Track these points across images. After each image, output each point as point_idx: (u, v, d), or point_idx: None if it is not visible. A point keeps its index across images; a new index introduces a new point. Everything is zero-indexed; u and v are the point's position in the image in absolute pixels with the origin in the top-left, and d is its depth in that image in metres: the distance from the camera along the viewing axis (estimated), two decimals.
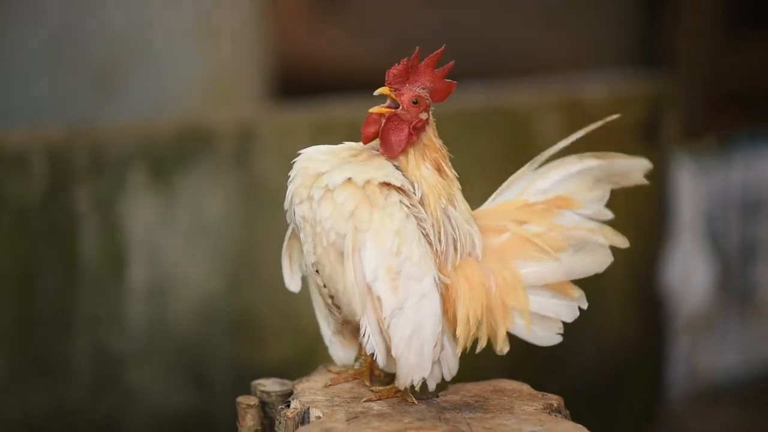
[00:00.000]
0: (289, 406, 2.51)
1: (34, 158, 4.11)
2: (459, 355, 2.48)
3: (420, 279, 2.39)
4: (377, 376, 2.61)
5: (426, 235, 2.43)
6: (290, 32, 6.39)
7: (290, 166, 2.49)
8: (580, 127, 2.57)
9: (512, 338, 2.55)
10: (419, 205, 2.44)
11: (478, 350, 2.51)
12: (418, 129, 2.45)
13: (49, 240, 4.14)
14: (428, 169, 2.45)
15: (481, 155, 4.75)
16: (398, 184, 2.41)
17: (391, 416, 2.42)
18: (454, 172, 2.48)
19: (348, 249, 2.38)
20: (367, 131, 2.46)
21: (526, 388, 2.61)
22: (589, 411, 2.87)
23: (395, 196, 2.41)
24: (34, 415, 4.15)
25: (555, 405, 2.53)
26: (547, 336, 2.54)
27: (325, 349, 2.66)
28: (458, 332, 2.45)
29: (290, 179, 2.47)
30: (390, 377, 2.59)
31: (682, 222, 5.40)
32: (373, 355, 2.51)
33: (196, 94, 5.04)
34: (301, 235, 2.47)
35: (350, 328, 2.57)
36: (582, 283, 2.57)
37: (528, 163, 2.56)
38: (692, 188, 5.47)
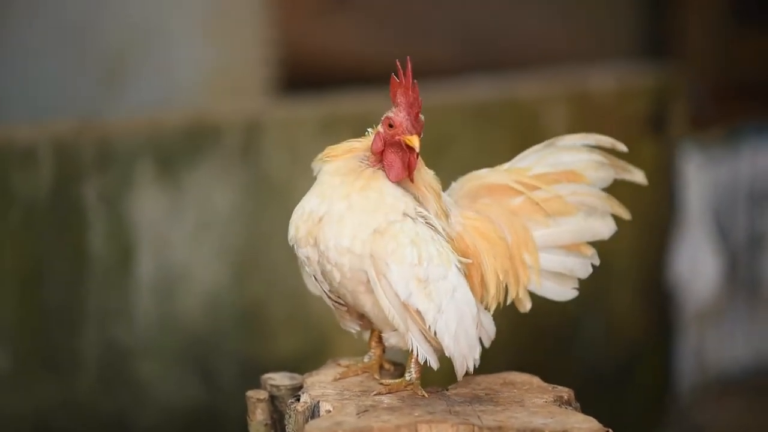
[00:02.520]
0: (299, 399, 2.51)
1: (41, 153, 4.11)
2: (493, 310, 2.55)
3: (445, 275, 2.45)
4: (386, 370, 2.62)
5: (434, 228, 2.46)
6: (297, 26, 6.38)
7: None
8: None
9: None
10: (418, 202, 2.46)
11: (509, 301, 2.57)
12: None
13: (57, 234, 4.14)
14: (427, 171, 2.50)
15: (488, 147, 4.75)
16: (400, 216, 2.44)
17: (402, 410, 2.42)
18: None
19: (373, 278, 2.42)
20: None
21: (536, 380, 2.61)
22: (597, 402, 2.87)
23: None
24: (42, 409, 4.15)
25: (565, 397, 2.53)
26: (563, 291, 2.62)
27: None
28: (491, 292, 2.53)
29: (290, 224, 2.49)
30: (399, 370, 2.60)
31: (690, 214, 5.39)
32: (383, 350, 2.57)
33: (204, 89, 5.04)
34: (308, 269, 2.50)
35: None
36: (591, 275, 2.63)
37: (542, 143, 2.62)
38: (700, 180, 5.45)
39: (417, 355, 2.47)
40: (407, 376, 2.51)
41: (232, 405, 4.32)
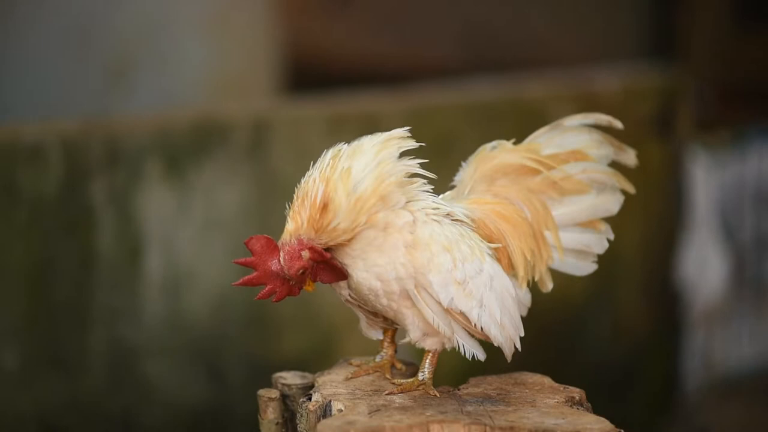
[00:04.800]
0: (310, 399, 2.50)
1: (49, 151, 4.11)
2: (524, 289, 2.58)
3: (481, 268, 2.46)
4: (398, 369, 2.62)
5: (460, 221, 2.47)
6: (303, 24, 6.38)
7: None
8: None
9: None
10: (433, 196, 2.47)
11: (536, 278, 2.59)
12: (318, 254, 2.42)
13: (65, 233, 4.14)
14: (334, 224, 2.41)
15: None
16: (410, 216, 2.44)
17: (413, 409, 2.42)
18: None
19: (413, 292, 2.44)
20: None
21: (547, 380, 2.60)
22: (603, 403, 2.87)
23: (414, 216, 2.44)
24: (49, 408, 4.15)
25: (577, 398, 2.53)
26: (583, 265, 2.65)
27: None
28: (520, 273, 2.55)
29: None
30: (411, 370, 2.60)
31: (697, 215, 5.39)
32: (395, 349, 2.57)
33: (210, 87, 5.04)
34: (339, 295, 2.52)
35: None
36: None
37: (547, 125, 2.65)
38: (706, 181, 5.46)
39: (464, 353, 2.48)
40: (420, 376, 2.51)
41: (239, 403, 4.32)
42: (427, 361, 2.51)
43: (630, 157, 2.67)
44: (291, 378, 2.65)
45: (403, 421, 2.35)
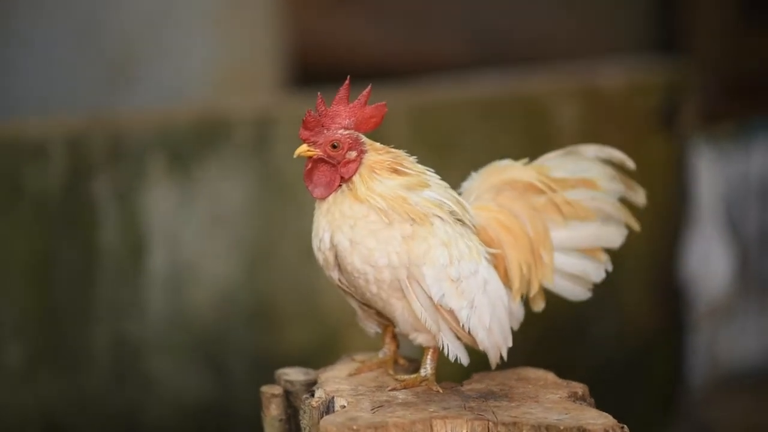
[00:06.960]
0: (313, 395, 2.51)
1: (52, 147, 4.11)
2: (517, 302, 2.57)
3: (476, 270, 2.48)
4: (401, 365, 2.62)
5: (460, 221, 2.47)
6: (309, 20, 6.38)
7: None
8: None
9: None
10: (438, 190, 2.47)
11: (531, 294, 2.59)
12: (348, 169, 2.46)
13: (68, 229, 4.14)
14: (382, 182, 2.46)
15: (497, 143, 4.74)
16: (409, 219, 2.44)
17: (416, 405, 2.42)
18: (419, 167, 2.50)
19: (405, 283, 2.44)
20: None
21: (551, 376, 2.61)
22: (608, 399, 2.87)
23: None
24: (52, 405, 4.16)
25: (580, 393, 2.53)
26: (578, 291, 2.66)
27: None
28: (515, 285, 2.55)
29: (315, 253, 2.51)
30: (414, 366, 2.60)
31: (701, 209, 5.38)
32: (397, 345, 2.57)
33: (214, 82, 5.04)
34: (333, 283, 2.52)
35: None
36: None
37: (561, 150, 2.66)
38: (711, 175, 5.44)
39: (447, 354, 2.48)
40: (422, 372, 2.52)
41: (243, 400, 4.32)
42: (428, 357, 2.52)
43: (639, 197, 2.69)
44: (294, 374, 2.65)
45: (406, 417, 2.35)
